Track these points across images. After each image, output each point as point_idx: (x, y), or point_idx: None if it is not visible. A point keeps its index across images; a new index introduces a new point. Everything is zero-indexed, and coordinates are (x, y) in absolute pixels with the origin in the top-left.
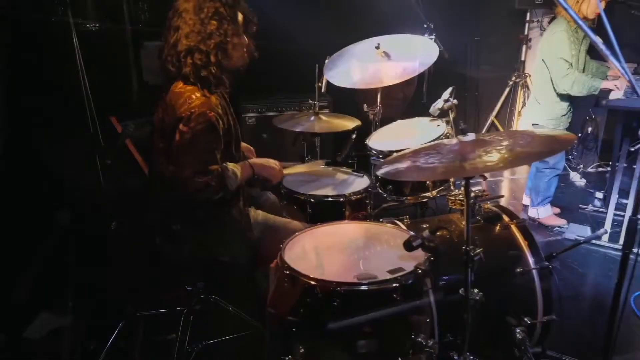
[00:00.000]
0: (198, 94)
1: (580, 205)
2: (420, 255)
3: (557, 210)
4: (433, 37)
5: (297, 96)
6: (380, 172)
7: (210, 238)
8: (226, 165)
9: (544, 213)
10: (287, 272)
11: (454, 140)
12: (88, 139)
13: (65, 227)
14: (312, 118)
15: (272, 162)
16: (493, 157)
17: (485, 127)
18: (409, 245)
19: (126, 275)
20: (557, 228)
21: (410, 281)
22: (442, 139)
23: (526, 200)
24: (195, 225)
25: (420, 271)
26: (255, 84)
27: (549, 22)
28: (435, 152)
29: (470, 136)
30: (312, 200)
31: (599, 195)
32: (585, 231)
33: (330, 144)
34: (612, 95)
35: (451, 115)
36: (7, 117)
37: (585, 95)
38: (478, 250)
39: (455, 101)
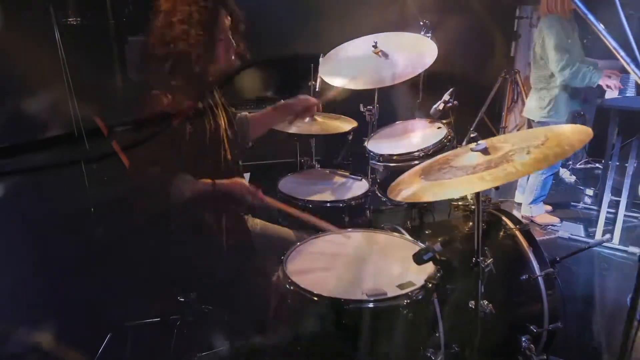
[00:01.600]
0: (162, 99)
1: (572, 203)
2: (428, 266)
3: (549, 208)
4: (430, 35)
5: (295, 95)
6: (401, 198)
7: (200, 247)
8: (176, 175)
9: (537, 211)
10: (291, 287)
11: (466, 151)
12: (72, 141)
13: (51, 234)
14: (308, 119)
15: (240, 184)
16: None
17: (474, 123)
18: (419, 259)
19: (114, 284)
20: (550, 226)
21: (421, 297)
22: (444, 142)
23: (519, 198)
24: (184, 234)
25: (430, 285)
26: (251, 83)
27: (538, 19)
28: (447, 165)
29: (482, 145)
30: (310, 205)
31: (589, 192)
32: (578, 229)
33: (324, 145)
34: (608, 95)
35: (451, 117)
36: None
37: (583, 87)
38: (489, 261)
39: (455, 102)
